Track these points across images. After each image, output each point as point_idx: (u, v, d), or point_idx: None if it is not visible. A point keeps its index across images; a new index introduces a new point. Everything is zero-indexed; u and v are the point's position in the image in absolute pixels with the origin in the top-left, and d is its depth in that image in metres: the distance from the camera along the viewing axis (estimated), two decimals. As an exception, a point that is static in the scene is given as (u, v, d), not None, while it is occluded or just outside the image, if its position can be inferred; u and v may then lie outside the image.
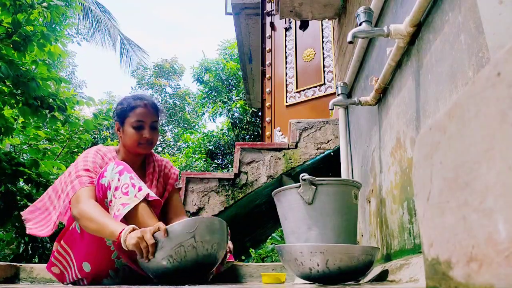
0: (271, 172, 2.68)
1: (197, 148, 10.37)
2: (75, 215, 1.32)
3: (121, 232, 1.20)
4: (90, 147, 1.64)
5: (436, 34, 1.07)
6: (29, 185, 3.33)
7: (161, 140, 13.31)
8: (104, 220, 1.26)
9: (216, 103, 10.75)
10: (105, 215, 1.28)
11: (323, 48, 3.88)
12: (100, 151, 1.55)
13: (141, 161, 1.64)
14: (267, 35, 4.69)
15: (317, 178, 1.26)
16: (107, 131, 11.35)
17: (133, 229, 1.20)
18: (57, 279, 1.49)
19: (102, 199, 1.35)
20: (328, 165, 2.83)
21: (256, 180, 2.68)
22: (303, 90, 3.92)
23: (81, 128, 4.05)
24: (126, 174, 1.35)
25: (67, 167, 3.91)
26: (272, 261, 6.00)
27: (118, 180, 1.33)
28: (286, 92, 4.08)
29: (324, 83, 3.75)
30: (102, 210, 1.31)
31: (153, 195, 1.35)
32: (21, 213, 1.55)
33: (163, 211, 1.61)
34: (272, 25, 4.58)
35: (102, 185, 1.36)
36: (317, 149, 2.70)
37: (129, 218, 1.28)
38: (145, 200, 1.31)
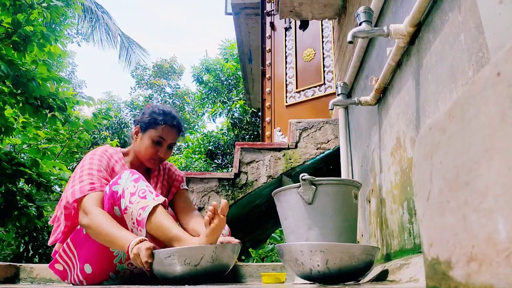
0: (271, 172, 2.68)
1: (197, 148, 10.37)
2: (84, 225, 1.32)
3: (129, 245, 1.22)
4: (90, 147, 1.64)
5: (436, 34, 1.07)
6: (29, 185, 3.33)
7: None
8: (115, 232, 1.26)
9: (215, 103, 10.75)
10: (115, 227, 1.28)
11: (323, 48, 3.87)
12: (107, 152, 1.55)
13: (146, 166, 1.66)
14: (267, 35, 4.69)
15: (317, 178, 1.26)
16: (107, 131, 11.35)
17: (139, 241, 1.22)
18: (59, 276, 1.49)
19: (112, 205, 1.35)
20: (328, 165, 2.83)
21: (256, 180, 2.68)
22: (303, 90, 3.92)
23: (80, 128, 4.05)
24: (142, 182, 1.36)
25: (67, 167, 3.92)
26: (272, 261, 6.00)
27: (134, 186, 1.34)
28: (286, 92, 4.07)
29: (324, 83, 3.75)
30: (111, 221, 1.30)
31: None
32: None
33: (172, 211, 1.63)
34: (272, 25, 4.58)
35: (115, 192, 1.35)
36: (317, 149, 2.70)
37: (149, 222, 1.29)
38: (162, 205, 1.33)
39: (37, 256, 4.17)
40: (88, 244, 1.37)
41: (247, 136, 9.99)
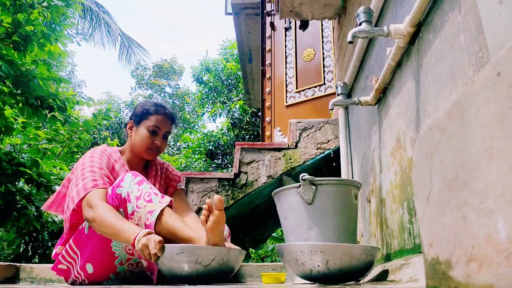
0: (271, 172, 2.68)
1: (197, 148, 10.37)
2: (89, 218, 1.32)
3: (135, 237, 1.21)
4: (90, 147, 1.65)
5: (436, 34, 1.07)
6: (30, 185, 3.33)
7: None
8: (119, 225, 1.26)
9: (215, 103, 10.75)
10: (120, 220, 1.28)
11: (323, 48, 3.88)
12: (106, 151, 1.55)
13: (144, 163, 1.66)
14: (267, 35, 4.69)
15: (317, 178, 1.26)
16: (107, 131, 11.35)
17: (147, 234, 1.21)
18: (63, 275, 1.49)
19: (117, 207, 1.35)
20: (328, 165, 2.83)
21: (256, 180, 2.68)
22: (303, 90, 3.92)
23: (80, 128, 4.05)
24: (146, 185, 1.36)
25: (67, 167, 3.92)
26: (272, 261, 6.00)
27: (138, 190, 1.33)
28: (286, 92, 4.08)
29: (324, 83, 3.75)
30: (117, 214, 1.30)
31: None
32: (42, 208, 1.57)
33: None
34: (272, 25, 4.58)
35: (119, 194, 1.35)
36: (317, 149, 2.70)
37: (159, 225, 1.28)
38: (169, 206, 1.33)
39: (37, 256, 4.17)
40: (90, 244, 1.37)
41: (247, 136, 9.99)
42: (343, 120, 2.13)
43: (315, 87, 3.81)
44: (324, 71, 3.78)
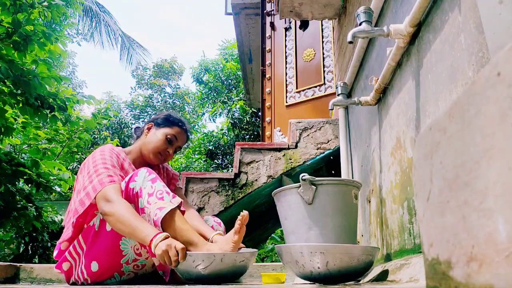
0: (271, 172, 2.68)
1: (197, 148, 10.37)
2: (106, 212, 1.31)
3: (152, 238, 1.22)
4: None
5: (436, 34, 1.07)
6: (29, 185, 3.33)
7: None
8: (137, 223, 1.27)
9: (215, 103, 10.75)
10: (138, 218, 1.29)
11: (323, 48, 3.87)
12: (114, 150, 1.58)
13: (147, 164, 1.69)
14: (267, 35, 4.69)
15: (317, 178, 1.26)
16: (107, 131, 11.35)
17: (165, 237, 1.23)
18: (64, 274, 1.49)
19: (128, 202, 1.36)
20: (328, 165, 2.83)
21: (256, 180, 2.68)
22: (303, 90, 3.92)
23: (81, 128, 4.05)
24: (159, 183, 1.37)
25: (67, 167, 3.92)
26: (272, 261, 6.00)
27: (151, 187, 1.35)
28: (286, 92, 4.07)
29: (324, 83, 3.75)
30: (134, 212, 1.31)
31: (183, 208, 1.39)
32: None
33: None
34: (272, 25, 4.58)
35: (131, 189, 1.37)
36: (317, 149, 2.70)
37: (165, 223, 1.29)
38: (178, 207, 1.34)
39: (36, 257, 4.17)
40: (99, 241, 1.38)
41: (247, 136, 9.99)
42: (343, 120, 2.12)
43: (315, 87, 3.81)
44: (324, 71, 3.78)
